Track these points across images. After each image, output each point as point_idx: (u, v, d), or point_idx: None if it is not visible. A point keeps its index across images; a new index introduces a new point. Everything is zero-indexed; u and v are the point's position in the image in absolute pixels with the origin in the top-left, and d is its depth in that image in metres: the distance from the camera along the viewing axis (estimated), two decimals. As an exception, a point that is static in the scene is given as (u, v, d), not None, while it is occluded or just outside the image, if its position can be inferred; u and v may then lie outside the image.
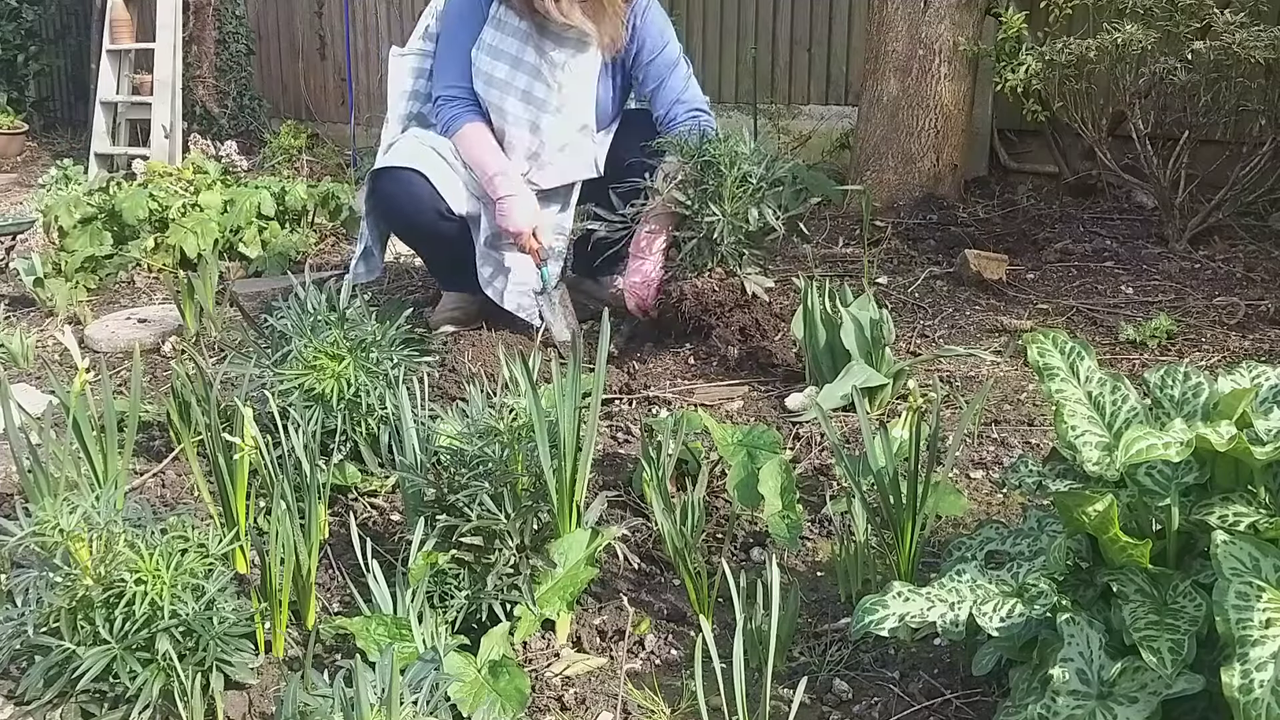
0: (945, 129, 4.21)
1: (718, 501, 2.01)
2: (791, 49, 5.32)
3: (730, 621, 1.45)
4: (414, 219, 2.88)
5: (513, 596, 1.60)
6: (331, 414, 2.05)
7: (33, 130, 8.18)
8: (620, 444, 2.26)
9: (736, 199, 2.60)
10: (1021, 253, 3.62)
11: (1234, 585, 1.12)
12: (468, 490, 1.66)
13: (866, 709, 1.47)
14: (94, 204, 3.83)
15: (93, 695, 1.46)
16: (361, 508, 2.04)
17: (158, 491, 2.14)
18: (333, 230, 4.30)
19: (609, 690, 1.52)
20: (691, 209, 2.62)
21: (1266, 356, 2.62)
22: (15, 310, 3.46)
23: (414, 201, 2.83)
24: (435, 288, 3.24)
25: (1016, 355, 2.64)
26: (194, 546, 1.52)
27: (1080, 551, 1.36)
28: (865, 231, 3.54)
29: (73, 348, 2.37)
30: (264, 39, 7.86)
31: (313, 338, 2.12)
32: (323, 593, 1.77)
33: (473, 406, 1.77)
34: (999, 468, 2.11)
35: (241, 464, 1.72)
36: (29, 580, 1.47)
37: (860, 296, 2.43)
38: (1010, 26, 3.85)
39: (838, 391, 2.31)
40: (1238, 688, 1.06)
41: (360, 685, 1.19)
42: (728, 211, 2.58)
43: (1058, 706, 1.18)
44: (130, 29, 6.53)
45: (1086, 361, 1.43)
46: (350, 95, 6.99)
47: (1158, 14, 3.37)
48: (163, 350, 3.00)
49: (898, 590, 1.39)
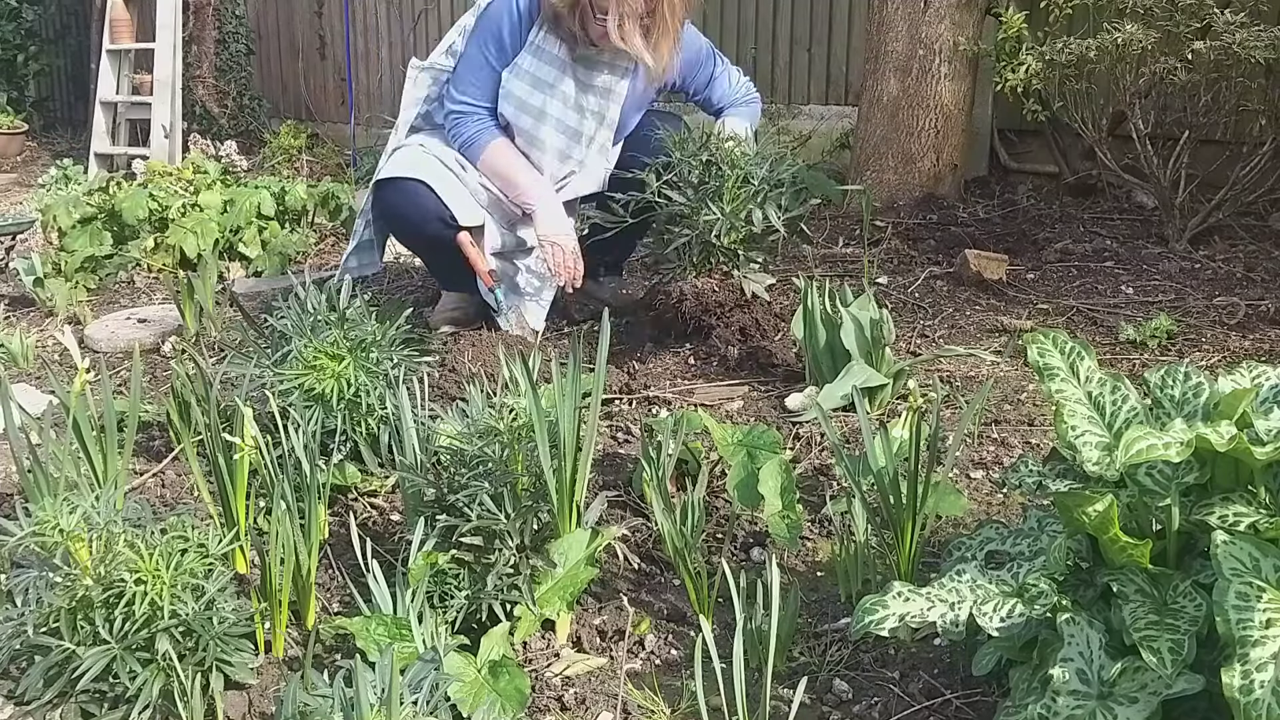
0: (945, 129, 4.21)
1: (718, 501, 2.01)
2: (791, 49, 5.32)
3: (730, 621, 1.45)
4: (419, 229, 2.86)
5: (513, 596, 1.60)
6: (331, 414, 2.05)
7: (33, 130, 8.18)
8: (620, 444, 2.26)
9: (737, 199, 2.59)
10: (1021, 253, 3.62)
11: (1234, 585, 1.12)
12: (468, 490, 1.66)
13: (866, 709, 1.47)
14: (94, 204, 3.83)
15: (93, 695, 1.46)
16: (361, 508, 2.04)
17: (158, 491, 2.14)
18: (333, 230, 4.30)
19: (609, 690, 1.52)
20: (691, 208, 2.62)
21: (1266, 356, 2.62)
22: (15, 310, 3.46)
23: (419, 212, 2.81)
24: (435, 288, 3.24)
25: (1016, 355, 2.64)
26: (194, 546, 1.52)
27: (1080, 551, 1.36)
28: (865, 231, 3.54)
29: (73, 348, 2.37)
30: (264, 39, 7.86)
31: (313, 338, 2.12)
32: (323, 593, 1.77)
33: (473, 406, 1.77)
34: (999, 468, 2.11)
35: (241, 464, 1.72)
36: (29, 580, 1.47)
37: (860, 296, 2.43)
38: (1010, 26, 3.86)
39: (838, 391, 2.31)
40: (1238, 688, 1.06)
41: (360, 685, 1.19)
42: (728, 211, 2.58)
43: (1058, 706, 1.18)
44: (130, 29, 6.53)
45: (1086, 361, 1.43)
46: (350, 95, 6.99)
47: (1158, 14, 3.37)
48: (163, 350, 3.00)
49: (898, 590, 1.39)
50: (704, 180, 2.63)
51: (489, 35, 2.83)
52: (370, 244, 3.05)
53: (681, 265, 2.71)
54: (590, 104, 2.86)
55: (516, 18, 2.79)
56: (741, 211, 2.59)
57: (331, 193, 4.28)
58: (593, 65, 2.83)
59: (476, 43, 2.86)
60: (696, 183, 2.64)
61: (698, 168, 2.64)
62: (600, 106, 2.86)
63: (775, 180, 2.62)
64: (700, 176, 2.64)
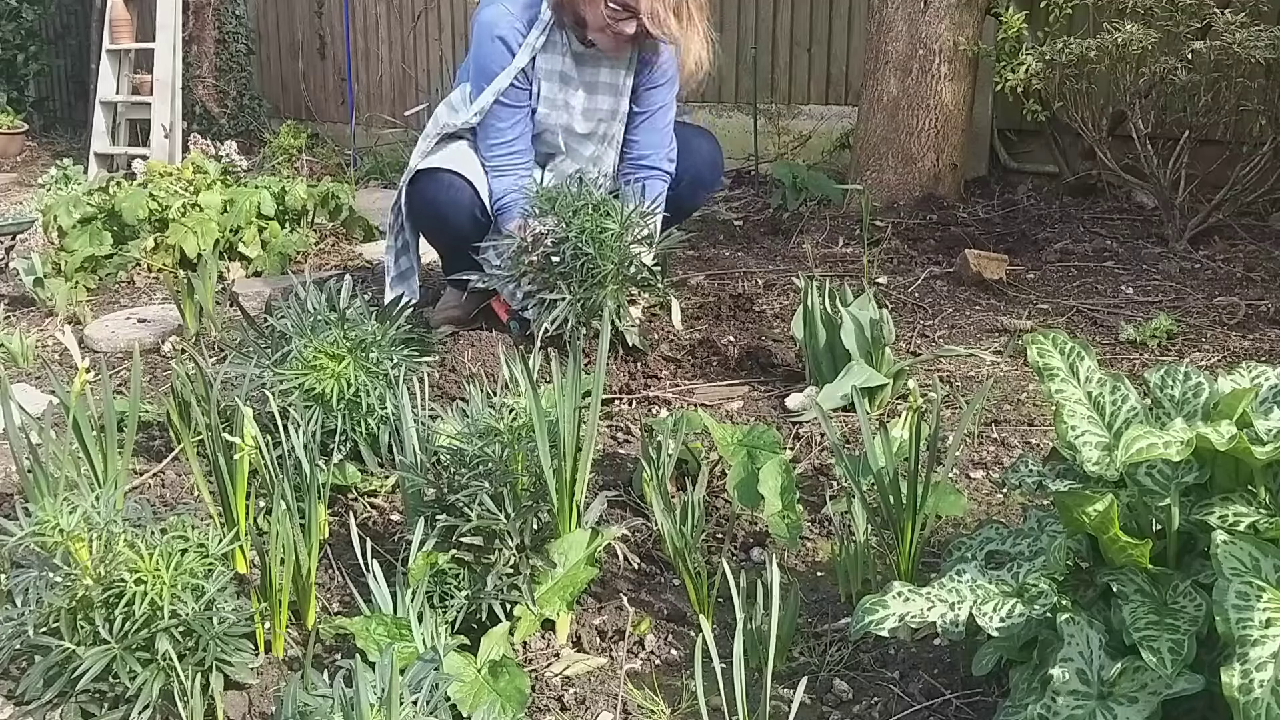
0: (945, 129, 4.21)
1: (718, 501, 2.01)
2: (791, 49, 5.32)
3: (730, 621, 1.45)
4: (452, 221, 2.82)
5: (513, 596, 1.60)
6: (331, 414, 2.05)
7: (33, 130, 8.18)
8: (620, 444, 2.26)
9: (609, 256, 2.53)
10: (1021, 253, 3.62)
11: (1234, 585, 1.12)
12: (468, 490, 1.66)
13: (866, 709, 1.47)
14: (94, 204, 3.83)
15: (93, 695, 1.46)
16: (361, 508, 2.04)
17: (158, 491, 2.14)
18: (333, 230, 4.30)
19: (609, 690, 1.52)
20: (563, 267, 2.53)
21: (1266, 356, 2.62)
22: (15, 310, 3.46)
23: (454, 206, 2.78)
24: (435, 288, 3.24)
25: (1016, 355, 2.64)
26: (194, 546, 1.52)
27: (1080, 551, 1.36)
28: (865, 231, 3.54)
29: (73, 348, 2.38)
30: (264, 39, 7.86)
31: (313, 338, 2.12)
32: (323, 593, 1.77)
33: (473, 406, 1.77)
34: (999, 468, 2.11)
35: (241, 464, 1.72)
36: (29, 580, 1.47)
37: (860, 296, 2.43)
38: (1010, 26, 3.86)
39: (838, 391, 2.31)
40: (1237, 687, 1.06)
41: (360, 685, 1.19)
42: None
43: (1058, 706, 1.18)
44: (130, 29, 6.53)
45: (1086, 362, 1.43)
46: (350, 95, 6.99)
47: (1158, 14, 3.37)
48: (163, 350, 3.00)
49: (898, 590, 1.39)
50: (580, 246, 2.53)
51: (489, 53, 2.75)
52: (411, 271, 2.97)
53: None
54: (602, 105, 2.84)
55: (507, 15, 2.75)
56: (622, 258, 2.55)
57: (331, 193, 4.28)
58: (595, 63, 2.81)
59: (481, 78, 2.77)
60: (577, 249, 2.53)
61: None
62: (611, 105, 2.85)
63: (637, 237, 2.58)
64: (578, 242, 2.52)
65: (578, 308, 2.50)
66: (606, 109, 2.85)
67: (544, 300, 2.54)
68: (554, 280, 2.53)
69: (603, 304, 2.48)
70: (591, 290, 2.50)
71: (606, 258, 2.49)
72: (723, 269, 3.55)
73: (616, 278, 2.52)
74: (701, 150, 3.02)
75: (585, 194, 2.55)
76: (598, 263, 2.49)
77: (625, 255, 2.54)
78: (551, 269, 2.54)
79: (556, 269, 2.53)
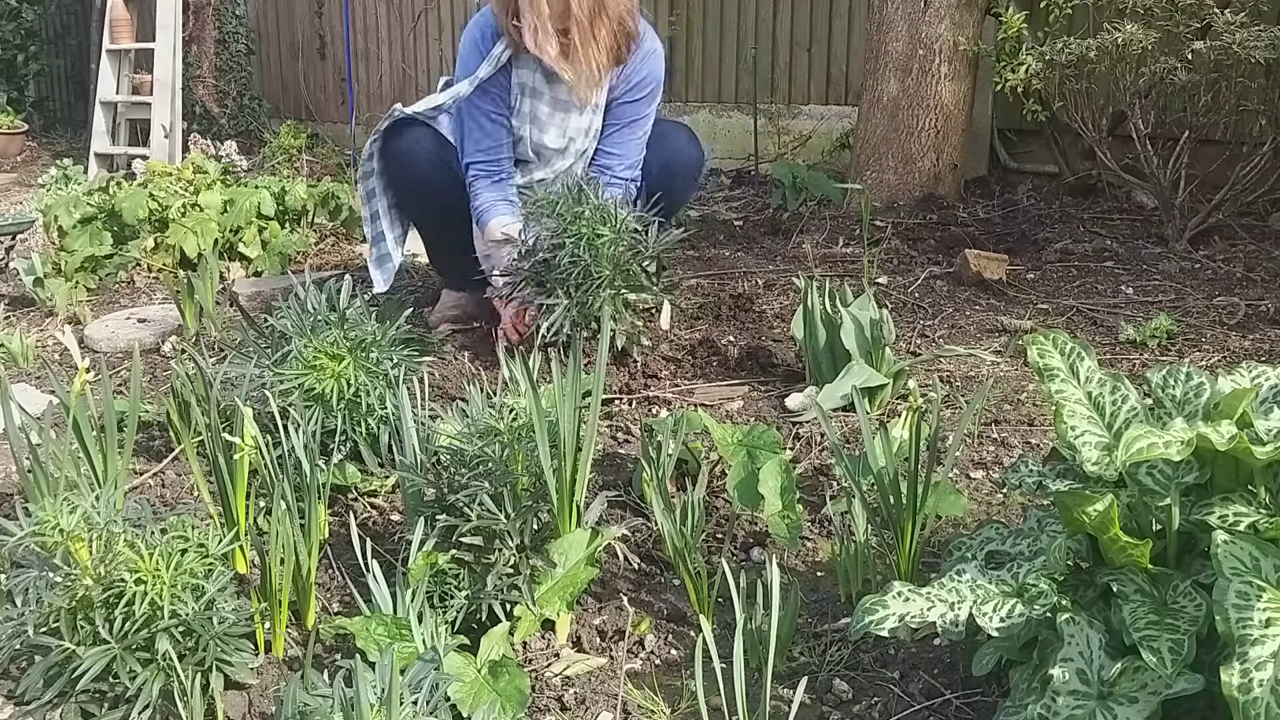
0: (945, 129, 4.21)
1: (718, 501, 2.01)
2: (791, 49, 5.32)
3: (730, 621, 1.45)
4: (426, 176, 2.82)
5: (513, 596, 1.60)
6: (331, 414, 2.05)
7: (33, 130, 8.18)
8: (620, 444, 2.26)
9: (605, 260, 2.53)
10: (1021, 253, 3.62)
11: (1234, 585, 1.12)
12: (468, 490, 1.65)
13: (866, 709, 1.47)
14: (94, 204, 3.83)
15: (93, 695, 1.46)
16: (361, 508, 2.04)
17: (158, 491, 2.14)
18: (332, 230, 4.30)
19: (609, 690, 1.52)
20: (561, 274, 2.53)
21: (1267, 356, 2.62)
22: (15, 310, 3.46)
23: (427, 155, 2.78)
24: (435, 288, 3.24)
25: (1016, 355, 2.64)
26: (194, 546, 1.52)
27: (1080, 551, 1.36)
28: (865, 231, 3.54)
29: (73, 348, 2.38)
30: (264, 39, 7.87)
31: (313, 338, 2.12)
32: (323, 593, 1.77)
33: (473, 406, 1.77)
34: (999, 468, 2.11)
35: (241, 464, 1.72)
36: (29, 580, 1.47)
37: (860, 296, 2.43)
38: (1010, 26, 3.86)
39: (838, 391, 2.31)
40: (1237, 687, 1.06)
41: (360, 685, 1.19)
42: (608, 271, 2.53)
43: (1058, 706, 1.18)
44: (130, 29, 6.54)
45: (1086, 362, 1.43)
46: (350, 95, 6.99)
47: (1158, 14, 3.37)
48: (163, 350, 3.00)
49: (898, 590, 1.39)
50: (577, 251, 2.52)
51: (461, 60, 2.80)
52: (387, 257, 3.00)
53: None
54: (572, 122, 2.82)
55: (487, 30, 2.76)
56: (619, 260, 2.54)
57: (331, 193, 4.28)
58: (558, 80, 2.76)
59: (467, 88, 2.77)
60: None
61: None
62: (582, 122, 2.83)
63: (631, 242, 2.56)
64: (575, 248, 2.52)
65: (574, 312, 2.50)
66: (576, 125, 2.84)
67: (542, 305, 2.54)
68: (552, 285, 2.53)
69: (600, 308, 2.48)
70: (588, 295, 2.50)
71: (601, 265, 2.49)
72: (723, 269, 3.56)
73: (613, 283, 2.52)
74: (677, 139, 2.98)
75: (584, 199, 2.55)
76: (592, 271, 2.49)
77: (620, 260, 2.54)
78: (548, 274, 2.54)
79: (553, 274, 2.53)
